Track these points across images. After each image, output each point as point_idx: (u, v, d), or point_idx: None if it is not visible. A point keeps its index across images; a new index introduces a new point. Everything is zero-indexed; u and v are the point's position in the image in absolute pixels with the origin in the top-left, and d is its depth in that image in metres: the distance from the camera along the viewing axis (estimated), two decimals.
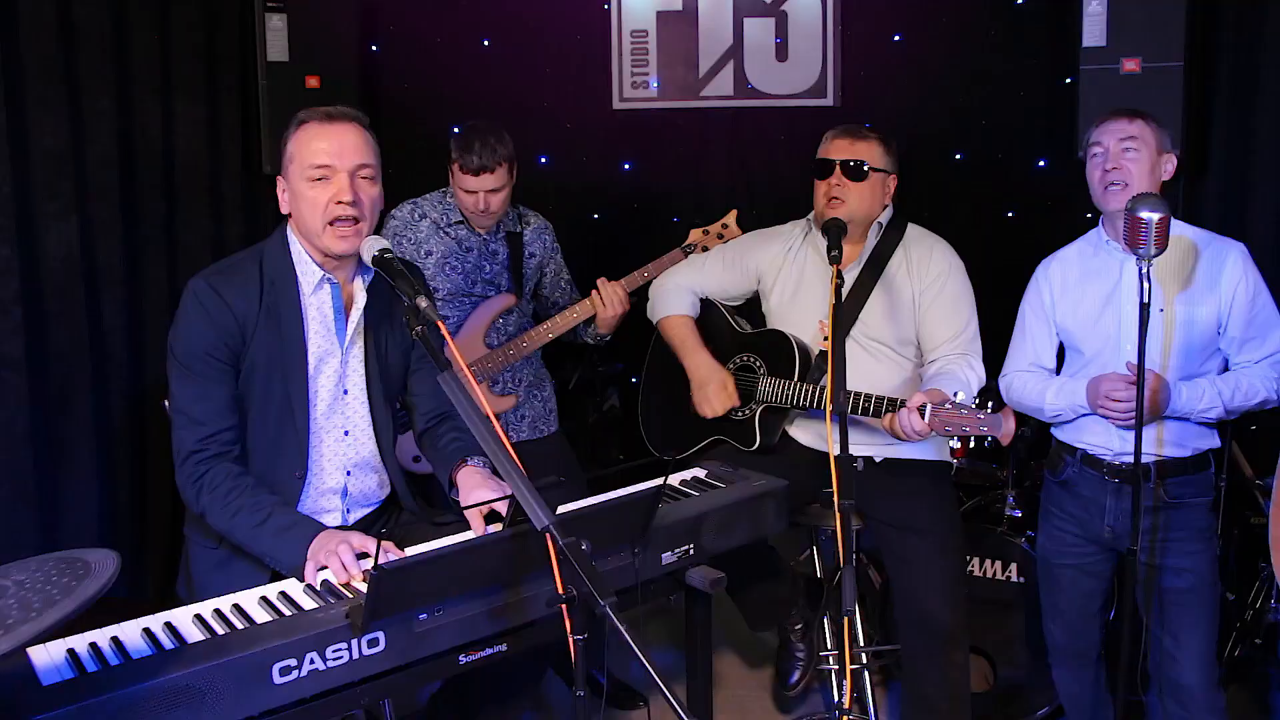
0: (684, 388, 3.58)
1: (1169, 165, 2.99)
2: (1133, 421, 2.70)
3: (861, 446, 3.31)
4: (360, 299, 2.73)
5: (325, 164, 2.57)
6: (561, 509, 2.31)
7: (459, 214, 3.82)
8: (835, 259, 2.92)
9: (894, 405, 3.01)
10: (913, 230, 3.45)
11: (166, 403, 2.91)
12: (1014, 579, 3.70)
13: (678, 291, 3.66)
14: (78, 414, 3.98)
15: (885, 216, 3.41)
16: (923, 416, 2.87)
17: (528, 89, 5.26)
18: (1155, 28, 4.24)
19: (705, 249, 3.83)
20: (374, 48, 5.31)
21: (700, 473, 2.86)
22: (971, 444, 2.82)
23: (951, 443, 2.99)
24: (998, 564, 3.72)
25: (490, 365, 3.81)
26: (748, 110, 5.25)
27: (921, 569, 3.26)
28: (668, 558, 2.47)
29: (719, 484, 2.77)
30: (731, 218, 3.87)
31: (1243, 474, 3.80)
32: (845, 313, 3.27)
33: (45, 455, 3.85)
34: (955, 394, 2.87)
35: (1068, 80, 4.68)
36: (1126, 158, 2.92)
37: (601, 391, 4.81)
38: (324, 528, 2.50)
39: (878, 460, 3.30)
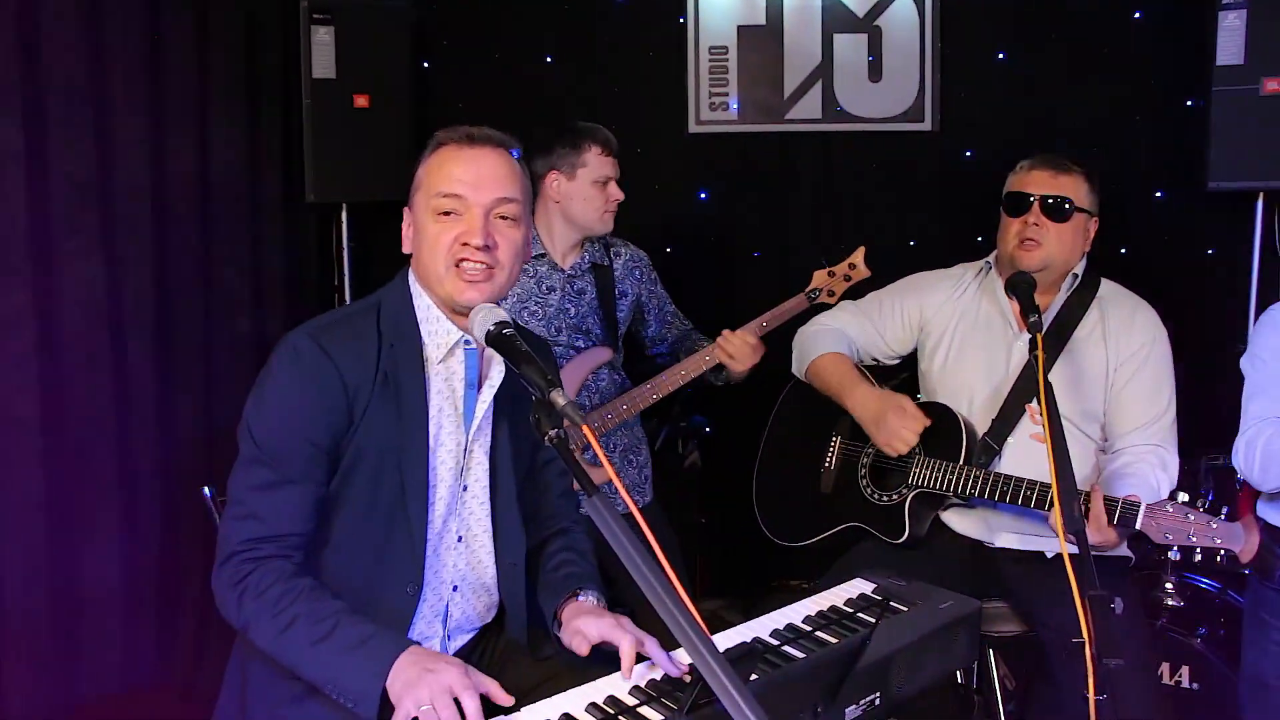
0: (813, 461, 3.08)
1: None
2: None
3: (1023, 538, 2.80)
4: (497, 371, 2.22)
5: (456, 194, 2.13)
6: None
7: (540, 247, 3.39)
8: (1037, 325, 2.41)
9: (1084, 498, 2.49)
10: (1109, 288, 2.97)
11: (207, 489, 2.43)
12: (1185, 685, 3.19)
13: (827, 334, 3.17)
14: (99, 480, 3.51)
15: (1080, 267, 2.91)
16: (1130, 522, 2.37)
17: (595, 110, 4.80)
18: None
19: (832, 293, 3.36)
20: (425, 64, 4.91)
21: (866, 588, 2.32)
22: (1195, 558, 2.31)
23: (1171, 552, 2.46)
24: (1165, 666, 3.21)
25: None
26: (837, 135, 4.78)
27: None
28: (853, 712, 1.95)
29: (898, 605, 2.23)
30: (859, 256, 3.38)
31: None
32: (1022, 381, 2.77)
33: (61, 526, 3.39)
34: (1175, 495, 2.36)
35: (1190, 102, 4.28)
36: None
37: (683, 447, 4.31)
38: (409, 643, 1.97)
39: (1049, 555, 2.76)
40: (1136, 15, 4.51)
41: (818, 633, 2.06)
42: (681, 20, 4.80)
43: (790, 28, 4.76)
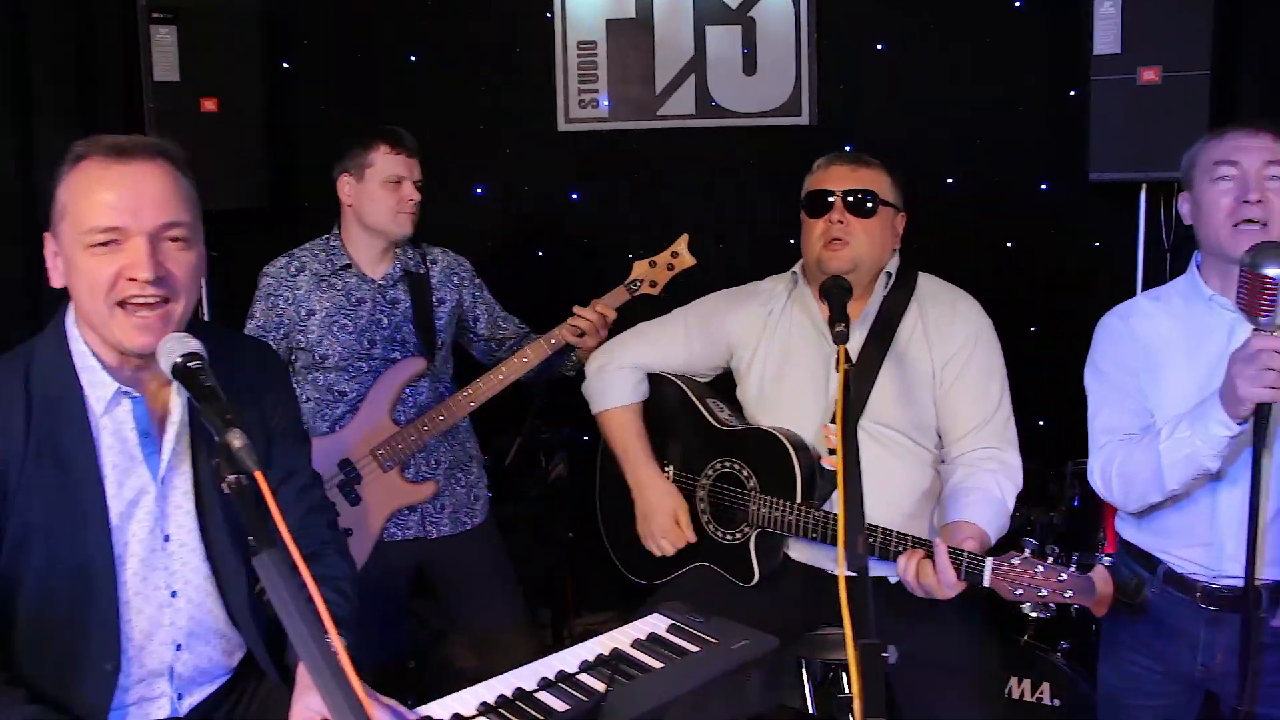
0: None
1: None
2: None
3: (875, 568, 2.65)
4: (178, 410, 1.99)
5: (112, 225, 1.84)
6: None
7: (345, 257, 3.25)
8: (842, 336, 2.25)
9: (926, 547, 2.35)
10: (926, 283, 2.79)
11: None
12: (1046, 701, 3.06)
13: (620, 375, 2.96)
14: None
15: (894, 265, 2.76)
16: (977, 578, 2.23)
17: (461, 110, 4.68)
18: (1176, 32, 3.74)
19: (654, 283, 3.19)
20: (285, 65, 4.73)
21: (660, 626, 2.15)
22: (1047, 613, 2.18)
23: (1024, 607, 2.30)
24: (1026, 682, 3.09)
25: (401, 447, 3.18)
26: (712, 130, 4.63)
27: (950, 715, 2.57)
28: None
29: (687, 645, 2.07)
30: (682, 244, 3.20)
31: None
32: (851, 394, 2.60)
33: None
34: (1024, 547, 2.23)
35: (1074, 92, 4.17)
36: (1271, 188, 2.28)
37: (547, 460, 4.14)
38: None
39: (892, 581, 2.61)
40: (1016, 4, 4.41)
41: (541, 694, 1.89)
42: (549, 15, 4.66)
43: (661, 20, 4.61)
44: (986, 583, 2.24)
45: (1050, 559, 2.20)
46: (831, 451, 2.62)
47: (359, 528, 3.16)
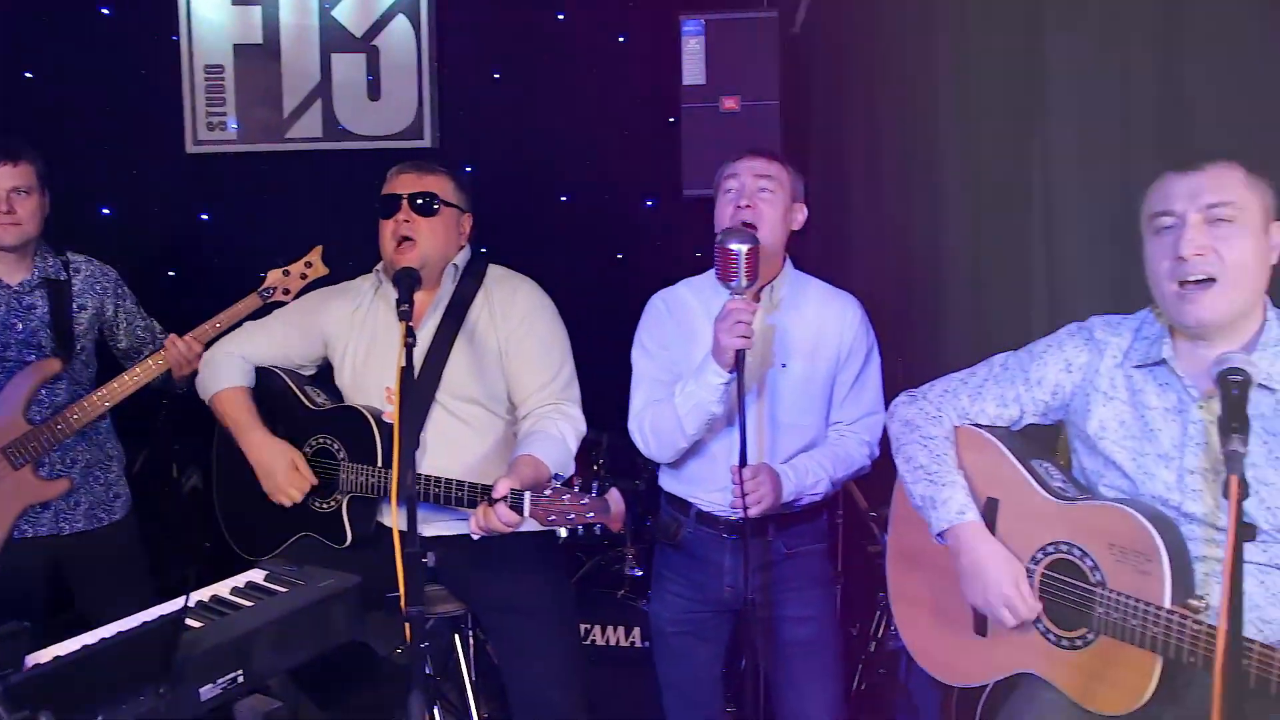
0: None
1: (800, 215, 2.85)
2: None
3: (456, 524, 2.96)
4: None
5: None
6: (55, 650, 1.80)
7: None
8: (405, 314, 2.54)
9: (488, 493, 2.66)
10: (495, 271, 3.14)
11: None
12: (638, 644, 3.47)
13: (229, 361, 3.16)
14: None
15: (462, 259, 3.09)
16: (520, 509, 2.56)
17: (86, 130, 4.66)
18: (752, 65, 4.24)
19: (288, 290, 3.40)
20: None
21: (258, 576, 2.38)
22: (580, 532, 2.53)
23: (561, 530, 2.66)
24: (620, 629, 3.49)
25: (34, 445, 3.23)
26: (339, 153, 4.85)
27: (532, 654, 2.92)
28: (209, 692, 2.00)
29: (277, 588, 2.31)
30: (315, 255, 3.45)
31: (858, 505, 3.77)
32: (427, 372, 2.91)
33: None
34: (554, 478, 2.58)
35: (673, 119, 4.58)
36: (761, 197, 2.75)
37: (179, 472, 4.22)
38: None
39: (475, 538, 2.93)
40: (621, 39, 4.84)
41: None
42: (175, 38, 4.73)
43: (288, 47, 4.80)
44: (527, 513, 2.57)
45: (576, 489, 2.56)
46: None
47: None
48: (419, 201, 2.97)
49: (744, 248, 2.52)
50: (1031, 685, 2.25)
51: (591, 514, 2.52)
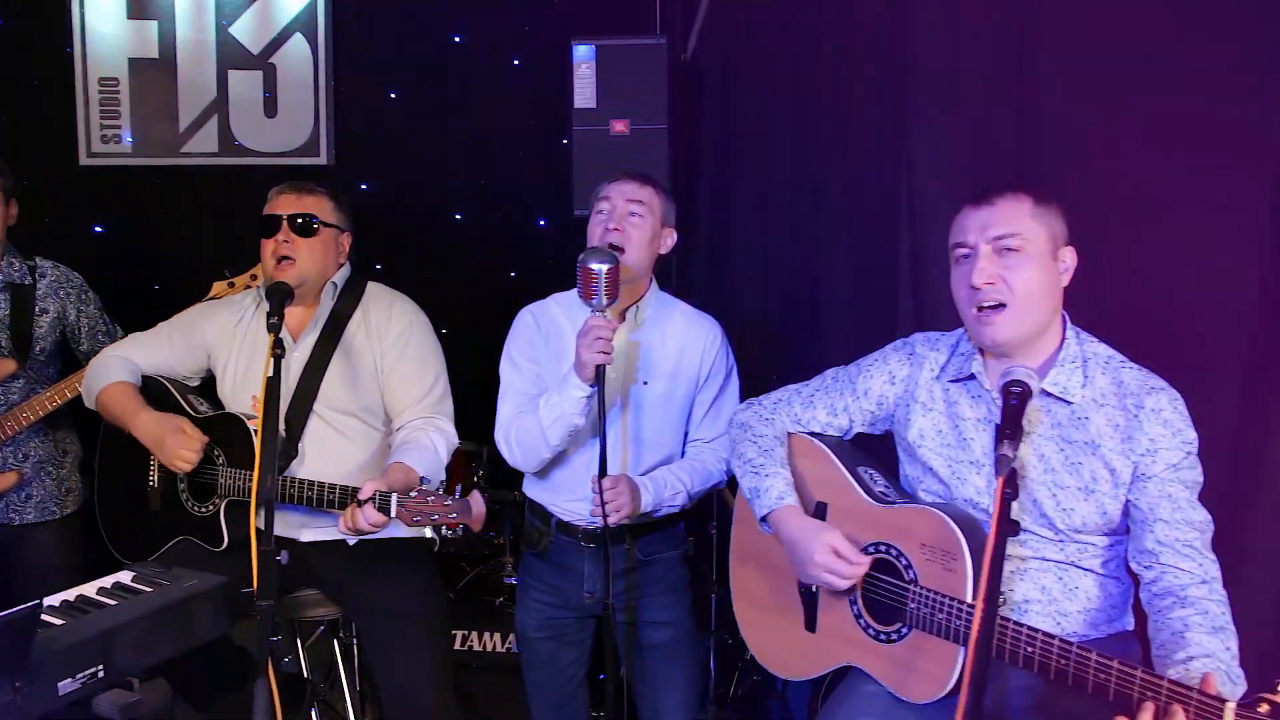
0: (141, 482, 3.19)
1: (669, 239, 2.99)
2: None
3: (324, 530, 3.07)
4: None
5: None
6: None
7: None
8: (274, 327, 2.65)
9: (355, 495, 2.78)
10: (373, 289, 3.26)
11: None
12: (514, 649, 3.59)
13: (117, 363, 3.24)
14: None
15: (341, 276, 3.21)
16: (387, 511, 2.68)
17: None
18: (642, 90, 4.35)
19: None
20: None
21: (125, 577, 2.48)
22: (444, 533, 2.65)
23: (426, 531, 2.78)
24: (497, 636, 3.61)
25: None
26: (236, 169, 4.91)
27: (404, 656, 3.04)
28: (68, 686, 2.10)
29: (143, 587, 2.41)
30: (260, 269, 3.53)
31: (731, 511, 3.90)
32: (305, 385, 3.03)
33: None
34: (423, 481, 2.70)
35: (566, 140, 4.64)
36: (630, 220, 2.88)
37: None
38: None
39: (352, 543, 3.05)
40: (515, 62, 4.96)
41: None
42: (69, 50, 4.77)
43: (184, 62, 4.86)
44: (393, 515, 2.69)
45: (440, 492, 2.68)
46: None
47: None
48: (299, 222, 3.08)
49: (604, 267, 2.66)
50: (855, 678, 2.42)
51: (454, 514, 2.64)
